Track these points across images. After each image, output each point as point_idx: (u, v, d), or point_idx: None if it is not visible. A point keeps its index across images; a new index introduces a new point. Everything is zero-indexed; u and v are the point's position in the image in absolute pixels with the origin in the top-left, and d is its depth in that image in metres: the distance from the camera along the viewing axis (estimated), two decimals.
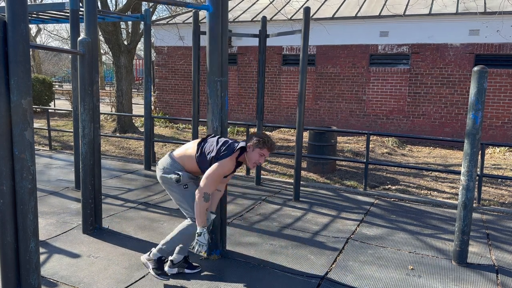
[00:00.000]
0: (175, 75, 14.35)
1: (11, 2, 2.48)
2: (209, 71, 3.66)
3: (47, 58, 39.85)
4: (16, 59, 2.52)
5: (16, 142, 2.60)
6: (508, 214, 5.43)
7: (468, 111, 3.68)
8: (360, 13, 11.74)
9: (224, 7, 3.63)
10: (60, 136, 10.86)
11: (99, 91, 4.42)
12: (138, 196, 5.72)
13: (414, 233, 4.62)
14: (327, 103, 12.38)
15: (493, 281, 3.56)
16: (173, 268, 3.50)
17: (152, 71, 10.02)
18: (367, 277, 3.56)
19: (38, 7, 8.22)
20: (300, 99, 5.60)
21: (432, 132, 11.22)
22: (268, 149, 3.26)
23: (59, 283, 3.33)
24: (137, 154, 8.93)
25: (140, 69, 34.28)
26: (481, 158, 5.93)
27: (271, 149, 3.28)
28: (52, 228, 4.47)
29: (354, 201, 5.82)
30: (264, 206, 5.44)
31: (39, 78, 16.92)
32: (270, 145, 3.26)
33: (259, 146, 3.24)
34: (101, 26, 10.85)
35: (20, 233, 2.72)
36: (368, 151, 6.34)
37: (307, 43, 5.43)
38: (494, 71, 10.52)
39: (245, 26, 12.94)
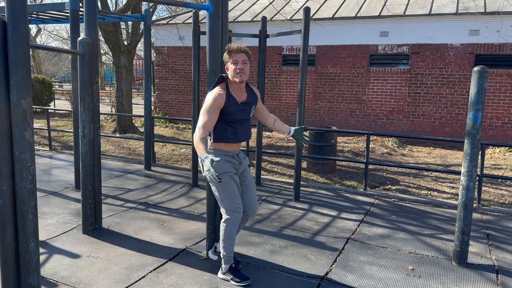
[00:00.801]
0: (175, 75, 14.35)
1: (11, 2, 2.48)
2: (209, 71, 3.66)
3: (47, 58, 39.86)
4: (16, 60, 2.52)
5: (16, 143, 2.60)
6: (508, 214, 5.43)
7: (468, 111, 3.68)
8: (360, 13, 11.74)
9: (224, 7, 3.63)
10: (60, 136, 10.87)
11: (99, 91, 4.42)
12: (138, 196, 5.72)
13: (414, 233, 4.61)
14: (327, 103, 12.38)
15: (493, 281, 3.56)
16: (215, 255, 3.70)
17: (152, 71, 10.01)
18: (367, 277, 3.56)
19: (38, 7, 8.22)
20: (300, 99, 5.60)
21: (432, 132, 11.22)
22: (230, 52, 3.15)
23: (59, 283, 3.33)
24: (137, 154, 8.93)
25: (140, 69, 34.29)
26: (481, 158, 5.93)
27: (232, 50, 3.15)
28: (52, 228, 4.47)
29: (354, 201, 5.81)
30: (264, 206, 5.44)
31: (39, 78, 16.92)
32: (230, 48, 3.17)
33: (226, 58, 3.19)
34: (101, 26, 10.85)
35: (20, 233, 2.71)
36: (368, 151, 6.34)
37: (307, 43, 5.43)
38: (494, 71, 10.52)
39: (245, 26, 12.94)
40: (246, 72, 3.18)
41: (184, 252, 3.94)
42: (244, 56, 3.16)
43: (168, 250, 3.98)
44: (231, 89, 3.25)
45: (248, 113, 3.33)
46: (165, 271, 3.58)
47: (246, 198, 3.46)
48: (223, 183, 3.26)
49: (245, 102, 3.30)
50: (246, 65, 3.17)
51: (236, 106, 3.23)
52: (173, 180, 6.66)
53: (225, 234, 3.34)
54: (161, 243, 4.14)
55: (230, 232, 3.34)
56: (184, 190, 6.08)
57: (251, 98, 3.34)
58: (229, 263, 3.42)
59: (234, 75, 3.17)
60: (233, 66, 3.16)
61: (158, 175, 6.96)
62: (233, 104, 3.22)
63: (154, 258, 3.81)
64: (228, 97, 3.20)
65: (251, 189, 3.47)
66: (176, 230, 4.50)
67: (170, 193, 5.92)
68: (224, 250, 3.39)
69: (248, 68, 3.21)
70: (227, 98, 3.19)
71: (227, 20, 3.71)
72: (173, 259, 3.80)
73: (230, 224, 3.33)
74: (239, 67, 3.14)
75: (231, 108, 3.21)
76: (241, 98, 3.27)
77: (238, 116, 3.26)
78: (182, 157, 8.62)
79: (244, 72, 3.16)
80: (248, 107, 3.32)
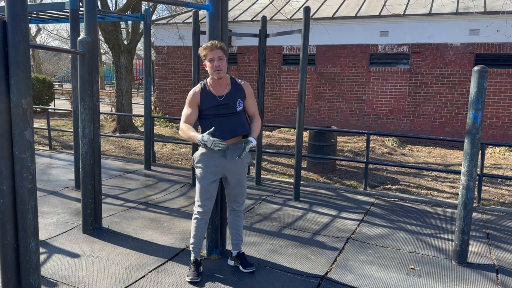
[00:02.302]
0: (175, 75, 14.35)
1: (11, 2, 2.48)
2: None
3: (47, 58, 39.86)
4: (16, 59, 2.52)
5: (16, 142, 2.60)
6: (508, 213, 5.43)
7: (468, 111, 3.68)
8: (360, 13, 11.73)
9: (224, 7, 3.63)
10: (60, 136, 10.87)
11: (99, 91, 4.42)
12: (138, 196, 5.72)
13: (414, 233, 4.62)
14: (327, 103, 12.38)
15: (493, 281, 3.56)
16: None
17: (152, 71, 10.01)
18: (367, 276, 3.56)
19: (38, 7, 8.22)
20: (300, 99, 5.60)
21: (432, 132, 11.22)
22: (204, 50, 3.16)
23: (59, 283, 3.33)
24: (137, 154, 8.93)
25: (140, 69, 34.26)
26: (481, 157, 5.93)
27: (206, 48, 3.16)
28: (52, 228, 4.47)
29: (354, 200, 5.81)
30: (264, 206, 5.44)
31: (39, 78, 16.92)
32: (204, 47, 3.18)
33: (202, 56, 3.21)
34: (101, 25, 10.85)
35: (20, 233, 2.71)
36: (368, 151, 6.34)
37: (307, 42, 5.43)
38: (494, 71, 10.52)
39: (245, 26, 12.94)
40: (223, 68, 3.20)
41: (184, 252, 3.94)
42: (219, 52, 3.17)
43: (168, 250, 3.98)
44: (210, 85, 3.29)
45: (232, 107, 3.28)
46: (165, 270, 3.58)
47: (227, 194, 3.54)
48: (198, 176, 3.37)
49: (227, 96, 3.28)
50: (222, 61, 3.18)
51: (214, 101, 3.26)
52: (173, 179, 6.66)
53: (192, 225, 3.48)
54: (161, 243, 4.14)
55: (194, 226, 3.45)
56: (184, 190, 6.08)
57: (235, 92, 3.32)
58: (193, 255, 3.50)
59: (212, 72, 3.21)
60: (209, 63, 3.19)
61: (158, 175, 6.96)
62: (211, 99, 3.26)
63: (154, 257, 3.81)
64: (203, 93, 3.27)
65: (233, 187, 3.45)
66: (176, 230, 4.50)
67: (170, 193, 5.92)
68: (191, 239, 3.51)
69: (225, 64, 3.21)
70: (202, 94, 3.26)
71: (227, 19, 3.71)
72: (173, 259, 3.80)
73: (195, 218, 3.44)
74: (215, 64, 3.16)
75: (209, 103, 3.25)
76: (222, 92, 3.28)
77: (220, 110, 3.26)
78: (182, 157, 8.62)
79: (221, 69, 3.18)
80: (232, 101, 3.28)
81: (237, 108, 3.31)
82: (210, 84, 3.30)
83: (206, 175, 3.33)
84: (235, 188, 3.47)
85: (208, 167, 3.33)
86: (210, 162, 3.32)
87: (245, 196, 3.58)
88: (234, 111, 3.30)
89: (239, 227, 3.64)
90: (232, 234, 3.66)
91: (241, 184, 3.48)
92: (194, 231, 3.46)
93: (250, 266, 3.58)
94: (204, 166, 3.33)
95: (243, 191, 3.53)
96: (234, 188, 3.47)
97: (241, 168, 3.43)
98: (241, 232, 3.67)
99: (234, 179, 3.42)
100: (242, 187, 3.50)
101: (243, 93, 3.36)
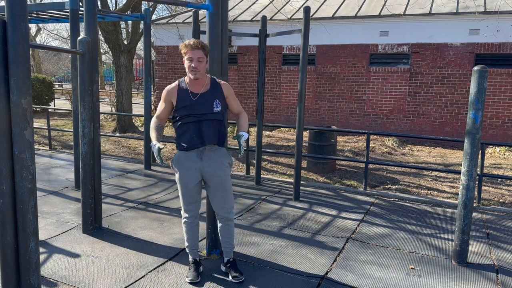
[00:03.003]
0: (175, 74, 14.34)
1: (11, 2, 2.48)
2: (209, 70, 3.66)
3: (47, 58, 39.85)
4: (16, 59, 2.52)
5: (16, 142, 2.60)
6: (508, 214, 5.43)
7: (468, 111, 3.68)
8: (360, 12, 11.73)
9: (224, 7, 3.63)
10: (60, 136, 10.86)
11: (99, 91, 4.42)
12: (138, 196, 5.72)
13: (414, 233, 4.61)
14: (327, 103, 12.38)
15: (493, 281, 3.56)
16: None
17: (152, 71, 10.00)
18: (367, 276, 3.56)
19: (38, 6, 8.21)
20: (300, 99, 5.60)
21: (432, 132, 11.22)
22: (185, 47, 3.11)
23: (59, 282, 3.33)
24: (137, 154, 8.93)
25: (140, 69, 34.25)
26: (481, 157, 5.93)
27: (186, 46, 3.10)
28: (52, 228, 4.47)
29: (354, 200, 5.81)
30: (264, 206, 5.44)
31: (39, 77, 16.91)
32: (185, 44, 3.13)
33: (182, 52, 3.16)
34: (101, 25, 10.85)
35: (20, 233, 2.71)
36: (368, 151, 6.33)
37: (307, 42, 5.42)
38: (494, 71, 10.52)
39: (245, 26, 12.93)
40: (201, 69, 3.13)
41: (184, 252, 3.93)
42: (200, 53, 3.09)
43: (168, 250, 3.98)
44: (187, 83, 3.25)
45: (208, 108, 3.18)
46: (165, 270, 3.58)
47: (211, 200, 3.36)
48: (177, 181, 3.33)
49: (204, 94, 3.20)
50: (200, 63, 3.11)
51: (188, 98, 3.19)
52: (173, 179, 6.66)
53: (183, 229, 3.49)
54: (161, 243, 4.14)
55: (185, 230, 3.47)
56: None
57: (212, 92, 3.23)
58: (191, 256, 3.52)
59: (188, 71, 3.17)
60: (188, 62, 3.13)
61: (158, 175, 6.96)
62: (186, 96, 3.20)
63: (154, 257, 3.81)
64: (179, 90, 3.23)
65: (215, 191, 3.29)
66: (176, 230, 4.50)
67: (170, 193, 5.92)
68: (185, 242, 3.53)
69: (203, 66, 3.15)
70: (178, 91, 3.23)
71: (227, 19, 3.71)
72: (173, 259, 3.80)
73: (184, 222, 3.45)
74: (193, 65, 3.10)
75: (184, 100, 3.20)
76: (198, 91, 3.22)
77: (194, 110, 3.17)
78: None
79: (199, 70, 3.12)
80: (208, 100, 3.19)
81: (214, 108, 3.19)
82: (187, 82, 3.25)
83: (185, 179, 3.25)
84: (217, 191, 3.27)
85: (185, 169, 3.24)
86: (187, 164, 3.23)
87: (232, 200, 3.35)
88: (210, 112, 3.18)
89: (230, 235, 3.44)
90: (222, 241, 3.50)
91: (224, 186, 3.27)
92: (186, 234, 3.47)
93: (239, 275, 3.36)
94: (181, 169, 3.26)
95: (228, 194, 3.30)
96: (217, 191, 3.27)
97: (220, 169, 3.25)
98: (232, 240, 3.47)
99: (215, 181, 3.25)
100: (227, 190, 3.29)
101: (221, 94, 3.26)
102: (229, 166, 3.34)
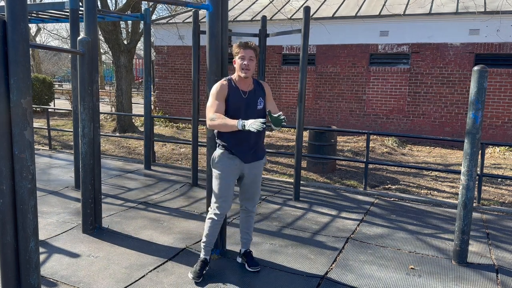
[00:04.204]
0: (175, 74, 14.34)
1: (11, 2, 2.48)
2: (209, 70, 3.66)
3: (46, 58, 39.84)
4: (16, 59, 2.52)
5: (15, 142, 2.60)
6: (508, 213, 5.43)
7: (468, 111, 3.68)
8: (360, 12, 11.73)
9: (224, 7, 3.63)
10: (60, 136, 10.86)
11: (98, 91, 4.42)
12: (138, 196, 5.72)
13: (414, 233, 4.62)
14: (327, 103, 12.38)
15: (493, 281, 3.56)
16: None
17: (152, 71, 10.00)
18: (367, 276, 3.56)
19: (38, 6, 8.21)
20: (300, 99, 5.60)
21: (432, 132, 11.22)
22: (237, 47, 3.28)
23: (59, 282, 3.33)
24: (137, 154, 8.93)
25: (140, 69, 34.26)
26: (481, 157, 5.93)
27: (239, 46, 3.28)
28: (52, 228, 4.47)
29: (354, 200, 5.81)
30: (264, 206, 5.44)
31: (39, 77, 16.91)
32: (238, 44, 3.29)
33: (235, 52, 3.30)
34: (101, 25, 10.84)
35: (20, 233, 2.71)
36: (368, 151, 6.34)
37: (307, 42, 5.43)
38: (494, 71, 10.52)
39: (245, 26, 12.93)
40: (251, 68, 3.30)
41: (184, 252, 3.94)
42: (251, 52, 3.28)
43: (168, 250, 3.98)
44: (236, 81, 3.36)
45: (254, 105, 3.36)
46: (165, 270, 3.58)
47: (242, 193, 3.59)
48: (217, 176, 3.39)
49: (251, 93, 3.37)
50: (252, 62, 3.29)
51: (240, 96, 3.32)
52: (173, 179, 6.66)
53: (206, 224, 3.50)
54: (161, 243, 4.14)
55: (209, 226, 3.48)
56: (184, 190, 6.08)
57: (257, 90, 3.42)
58: (203, 253, 3.52)
59: (239, 69, 3.29)
60: (240, 61, 3.28)
61: (158, 175, 6.96)
62: (237, 93, 3.31)
63: (154, 257, 3.81)
64: (230, 86, 3.32)
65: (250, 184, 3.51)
66: (176, 230, 4.50)
67: (170, 193, 5.92)
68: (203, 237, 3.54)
69: (253, 65, 3.32)
70: (230, 87, 3.31)
71: (227, 19, 3.71)
72: (173, 259, 3.80)
73: (210, 219, 3.47)
74: (245, 62, 3.25)
75: (235, 97, 3.30)
76: (246, 89, 3.36)
77: (243, 107, 3.31)
78: (182, 157, 8.62)
79: (249, 69, 3.27)
80: (254, 99, 3.37)
81: (258, 106, 3.38)
82: (236, 80, 3.36)
83: (225, 176, 3.36)
84: (250, 187, 3.51)
85: (228, 166, 3.36)
86: (230, 162, 3.36)
87: (259, 195, 3.62)
88: (255, 109, 3.36)
89: (250, 227, 3.67)
90: (241, 232, 3.70)
91: (256, 182, 3.53)
92: (207, 230, 3.48)
93: (255, 265, 3.60)
94: (224, 166, 3.37)
95: (258, 190, 3.57)
96: (250, 187, 3.51)
97: (258, 168, 3.49)
98: (251, 232, 3.69)
99: (251, 178, 3.47)
100: (258, 186, 3.55)
101: (264, 92, 3.45)
102: (263, 164, 3.57)
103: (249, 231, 3.68)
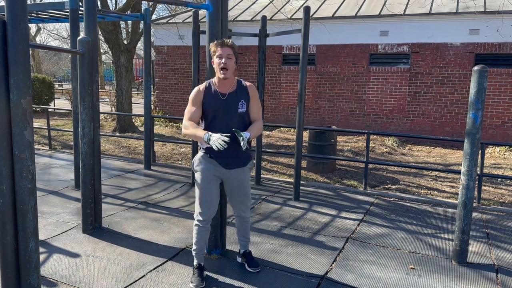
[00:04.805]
0: (175, 74, 14.34)
1: (11, 2, 2.48)
2: (208, 70, 3.66)
3: (46, 58, 39.84)
4: (16, 59, 2.52)
5: (15, 142, 2.60)
6: (508, 213, 5.43)
7: (468, 111, 3.68)
8: (360, 12, 11.73)
9: (224, 7, 3.63)
10: (60, 136, 10.86)
11: (98, 91, 4.42)
12: (138, 196, 5.72)
13: (414, 233, 4.62)
14: (327, 103, 12.38)
15: (493, 281, 3.56)
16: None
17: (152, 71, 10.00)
18: (367, 276, 3.56)
19: (38, 6, 8.21)
20: (300, 99, 5.60)
21: (432, 132, 11.22)
22: (214, 46, 3.16)
23: (59, 282, 3.33)
24: (137, 154, 8.93)
25: (140, 69, 34.26)
26: (481, 157, 5.93)
27: (216, 44, 3.16)
28: (52, 228, 4.47)
29: (354, 200, 5.81)
30: (264, 206, 5.44)
31: (39, 77, 16.91)
32: (214, 43, 3.19)
33: (212, 52, 3.20)
34: (101, 25, 10.84)
35: (19, 233, 2.71)
36: (368, 151, 6.34)
37: (307, 42, 5.42)
38: (494, 71, 10.52)
39: (245, 26, 12.93)
40: (230, 67, 3.15)
41: (184, 252, 3.94)
42: (229, 50, 3.14)
43: (168, 250, 3.98)
44: (215, 83, 3.26)
45: (235, 108, 3.22)
46: (165, 270, 3.58)
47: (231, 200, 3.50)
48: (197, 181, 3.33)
49: (232, 95, 3.24)
50: (230, 60, 3.14)
51: (217, 99, 3.22)
52: (173, 179, 6.66)
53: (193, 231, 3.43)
54: (161, 243, 4.14)
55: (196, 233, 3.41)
56: (184, 190, 6.08)
57: (239, 93, 3.27)
58: (196, 260, 3.46)
59: (218, 70, 3.17)
60: (217, 60, 3.15)
61: (158, 175, 6.96)
62: (214, 96, 3.22)
63: (154, 257, 3.81)
64: (207, 91, 3.24)
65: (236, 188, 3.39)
66: (176, 230, 4.50)
67: (170, 193, 5.92)
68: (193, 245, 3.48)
69: (232, 63, 3.16)
70: (206, 93, 3.24)
71: (227, 19, 3.71)
72: (173, 259, 3.80)
73: (196, 225, 3.40)
74: (222, 61, 3.12)
75: (212, 101, 3.22)
76: (225, 91, 3.25)
77: (221, 110, 3.21)
78: (182, 157, 8.62)
79: (228, 68, 3.13)
80: (235, 101, 3.23)
81: (239, 109, 3.24)
82: (215, 83, 3.27)
83: (205, 179, 3.28)
84: (235, 193, 3.40)
85: (207, 169, 3.28)
86: (209, 165, 3.29)
87: (250, 198, 3.51)
88: (235, 112, 3.23)
89: (246, 231, 3.63)
90: (238, 235, 3.68)
91: (242, 189, 3.39)
92: (195, 237, 3.41)
93: (255, 266, 3.58)
94: (203, 169, 3.29)
95: (246, 196, 3.44)
96: (235, 193, 3.40)
97: (242, 174, 3.36)
98: (248, 234, 3.66)
99: (234, 183, 3.35)
100: (245, 192, 3.42)
101: (247, 95, 3.29)
102: (250, 170, 3.44)
103: (246, 235, 3.64)
